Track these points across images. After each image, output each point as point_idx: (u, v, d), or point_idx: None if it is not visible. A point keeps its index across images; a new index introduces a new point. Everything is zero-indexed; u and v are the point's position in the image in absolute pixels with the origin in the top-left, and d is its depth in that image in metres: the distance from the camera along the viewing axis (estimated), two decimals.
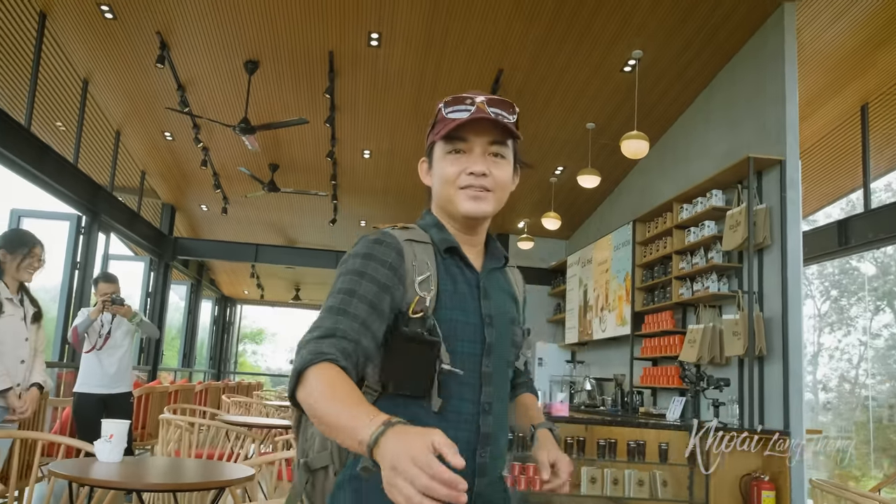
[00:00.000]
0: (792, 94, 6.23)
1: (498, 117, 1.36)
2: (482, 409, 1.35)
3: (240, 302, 22.71)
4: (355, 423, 1.03)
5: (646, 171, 9.27)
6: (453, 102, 1.38)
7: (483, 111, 1.35)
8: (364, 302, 1.26)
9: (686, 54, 7.17)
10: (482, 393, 1.36)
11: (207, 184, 11.52)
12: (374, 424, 1.00)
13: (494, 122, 1.35)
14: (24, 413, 3.55)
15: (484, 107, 1.35)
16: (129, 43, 7.62)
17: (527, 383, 1.65)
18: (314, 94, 8.39)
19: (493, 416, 1.37)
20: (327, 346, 1.18)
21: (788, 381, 5.82)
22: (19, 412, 3.50)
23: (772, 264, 6.19)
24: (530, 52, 7.27)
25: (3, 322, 3.54)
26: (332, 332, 1.20)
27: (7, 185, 23.26)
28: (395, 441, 0.95)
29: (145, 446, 7.04)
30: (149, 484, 2.31)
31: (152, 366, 12.32)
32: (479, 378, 1.36)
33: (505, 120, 1.37)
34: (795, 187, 6.10)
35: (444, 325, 1.30)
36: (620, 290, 9.02)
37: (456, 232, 1.42)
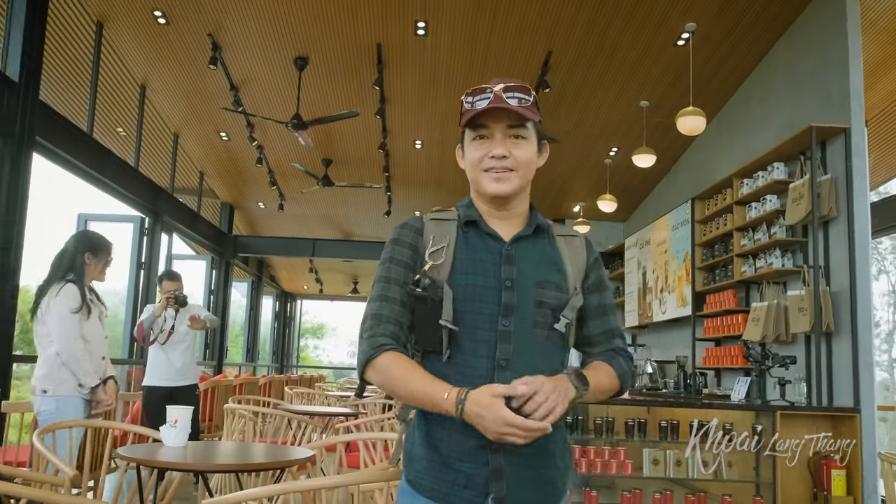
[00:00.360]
0: (856, 60, 5.99)
1: (519, 103, 1.49)
2: (497, 364, 1.46)
3: (300, 297, 23.09)
4: (433, 399, 1.39)
5: (703, 148, 9.05)
6: (474, 93, 1.52)
7: (499, 99, 1.48)
8: (398, 284, 1.52)
9: (742, 24, 6.96)
10: (497, 350, 1.47)
11: (263, 181, 11.73)
12: (451, 399, 1.36)
13: (509, 109, 1.48)
14: (109, 405, 3.70)
15: (501, 95, 1.48)
16: (183, 46, 7.81)
17: (604, 353, 1.61)
18: (363, 86, 8.45)
19: (511, 372, 1.45)
20: (381, 333, 1.48)
21: (858, 357, 5.62)
22: (105, 405, 3.66)
23: (838, 237, 5.98)
24: (579, 32, 7.17)
25: (91, 323, 3.69)
26: (379, 318, 1.49)
27: (73, 190, 23.80)
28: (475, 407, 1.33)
29: (212, 438, 7.23)
30: (212, 465, 2.37)
31: (217, 361, 12.65)
32: (496, 336, 1.47)
33: (523, 104, 1.49)
34: (861, 156, 5.87)
35: (458, 289, 1.48)
36: (680, 271, 8.85)
37: (489, 208, 1.58)
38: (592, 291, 1.62)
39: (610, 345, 1.63)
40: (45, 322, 3.61)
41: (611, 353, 1.61)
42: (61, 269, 3.73)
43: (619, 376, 1.57)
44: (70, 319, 3.58)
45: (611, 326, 1.63)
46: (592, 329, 1.62)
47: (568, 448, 1.60)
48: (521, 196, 1.59)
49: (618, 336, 1.64)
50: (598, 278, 1.64)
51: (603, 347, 1.62)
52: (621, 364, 1.59)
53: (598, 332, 1.62)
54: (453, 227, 1.55)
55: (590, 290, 1.62)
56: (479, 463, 1.43)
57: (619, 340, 1.63)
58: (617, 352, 1.62)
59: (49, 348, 3.59)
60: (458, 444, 1.45)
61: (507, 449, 1.42)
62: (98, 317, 3.78)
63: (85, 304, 3.65)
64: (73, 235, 3.91)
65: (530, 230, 1.58)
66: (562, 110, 8.81)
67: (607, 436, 5.35)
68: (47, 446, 2.55)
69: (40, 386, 3.58)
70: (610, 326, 1.63)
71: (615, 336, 1.63)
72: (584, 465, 5.22)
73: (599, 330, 1.62)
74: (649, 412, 5.61)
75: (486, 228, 1.56)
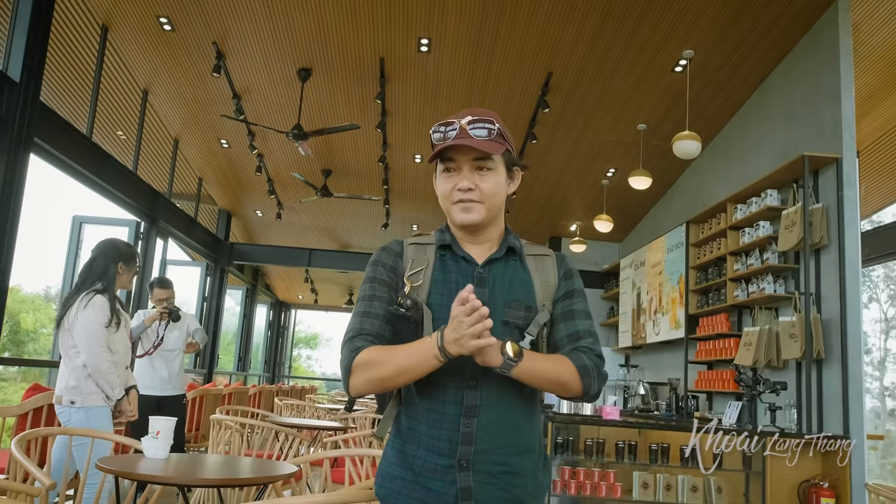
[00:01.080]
0: (848, 91, 6.05)
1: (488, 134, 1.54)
2: (467, 384, 1.50)
3: (294, 307, 23.05)
4: (420, 348, 1.43)
5: (699, 172, 9.10)
6: (441, 126, 1.57)
7: (464, 133, 1.53)
8: (381, 301, 1.57)
9: (738, 53, 7.03)
10: (465, 369, 1.50)
11: (262, 190, 11.75)
12: (432, 340, 1.42)
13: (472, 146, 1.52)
14: (132, 416, 3.70)
15: (465, 128, 1.53)
16: (187, 53, 7.84)
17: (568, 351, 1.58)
18: (365, 99, 8.49)
19: (479, 392, 1.50)
20: (359, 341, 1.52)
21: (848, 385, 5.63)
22: (128, 415, 3.66)
23: (829, 265, 6.01)
24: (580, 54, 7.22)
25: (119, 334, 3.69)
26: (360, 331, 1.54)
27: (70, 192, 23.79)
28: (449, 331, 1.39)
29: (199, 448, 7.20)
30: (193, 479, 2.37)
31: (208, 369, 12.61)
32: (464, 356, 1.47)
33: (489, 135, 1.54)
34: (853, 185, 5.91)
35: (434, 309, 1.53)
36: (674, 293, 8.87)
37: (462, 234, 1.64)
38: (559, 301, 1.64)
39: (575, 344, 1.59)
40: (72, 333, 3.59)
41: (574, 350, 1.57)
42: (91, 279, 3.72)
43: (579, 369, 1.52)
44: (98, 332, 3.58)
45: (577, 329, 1.60)
46: (557, 332, 1.61)
47: (546, 468, 1.61)
48: (494, 222, 1.64)
49: (584, 337, 1.59)
50: (568, 288, 1.65)
51: (567, 349, 1.59)
52: (582, 358, 1.54)
53: (563, 335, 1.60)
54: (431, 251, 1.62)
55: (558, 300, 1.64)
56: (447, 482, 1.46)
57: (587, 340, 1.59)
58: (581, 349, 1.57)
59: (76, 360, 3.58)
60: (429, 462, 1.48)
61: (476, 468, 1.45)
62: (123, 326, 3.79)
63: (114, 315, 3.66)
64: (98, 244, 3.90)
65: (501, 252, 1.63)
66: (561, 130, 8.86)
67: (597, 457, 5.35)
68: (24, 455, 2.54)
69: (68, 397, 3.57)
70: (576, 329, 1.60)
71: (582, 336, 1.59)
72: (573, 486, 5.21)
73: (564, 332, 1.60)
74: (640, 434, 5.61)
75: (460, 252, 1.62)
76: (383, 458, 1.59)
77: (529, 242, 1.71)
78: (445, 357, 1.41)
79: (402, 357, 1.45)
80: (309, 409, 8.50)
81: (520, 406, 1.48)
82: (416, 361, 1.44)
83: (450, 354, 1.40)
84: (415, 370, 1.45)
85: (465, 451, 1.46)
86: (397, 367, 1.45)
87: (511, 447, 1.49)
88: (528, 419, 1.54)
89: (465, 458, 1.46)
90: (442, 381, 1.49)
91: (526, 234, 9.52)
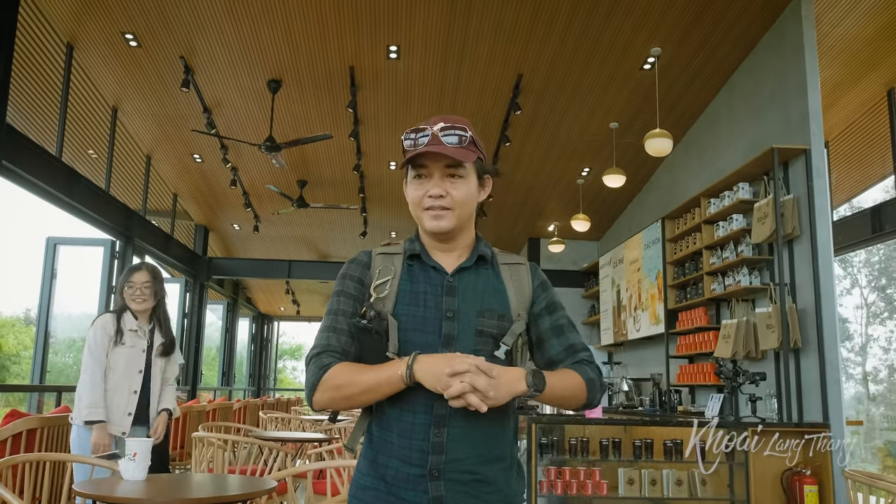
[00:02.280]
0: (814, 83, 6.13)
1: (459, 141, 1.53)
2: (437, 395, 1.45)
3: (276, 319, 22.93)
4: (388, 370, 1.44)
5: (672, 168, 9.18)
6: (413, 132, 1.56)
7: (436, 140, 1.53)
8: (346, 315, 1.57)
9: (705, 49, 7.10)
10: None
11: (238, 203, 11.69)
12: (402, 363, 1.43)
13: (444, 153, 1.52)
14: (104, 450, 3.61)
15: (437, 135, 1.53)
16: (155, 69, 7.79)
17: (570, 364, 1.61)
18: (337, 109, 8.48)
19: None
20: (326, 357, 1.52)
21: (825, 373, 5.70)
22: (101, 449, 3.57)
23: (802, 255, 6.08)
24: (549, 55, 7.26)
25: (120, 352, 3.66)
26: (326, 347, 1.54)
27: (42, 213, 23.57)
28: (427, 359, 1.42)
29: (185, 466, 7.14)
30: (171, 499, 2.35)
31: (192, 386, 12.50)
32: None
33: (461, 142, 1.53)
34: (822, 176, 5.99)
35: (401, 319, 1.53)
36: (653, 289, 8.93)
37: (432, 243, 1.63)
38: (543, 315, 1.64)
39: (574, 358, 1.62)
40: None
41: (577, 364, 1.61)
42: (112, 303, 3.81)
43: (587, 382, 1.57)
44: (91, 348, 3.62)
45: (571, 342, 1.64)
46: (552, 349, 1.63)
47: (520, 475, 1.61)
48: (464, 230, 1.63)
49: (581, 350, 1.63)
50: (547, 300, 1.66)
51: (568, 362, 1.62)
52: (588, 371, 1.59)
53: (559, 350, 1.63)
54: (399, 261, 1.61)
55: (540, 314, 1.64)
56: (420, 491, 1.46)
57: (584, 353, 1.63)
58: (583, 362, 1.61)
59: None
60: (401, 472, 1.48)
61: (447, 477, 1.46)
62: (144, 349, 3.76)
63: (119, 334, 3.66)
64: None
65: (472, 261, 1.62)
66: (534, 131, 8.90)
67: (583, 456, 5.36)
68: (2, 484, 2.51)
69: (72, 414, 3.67)
70: (570, 342, 1.63)
71: (578, 350, 1.63)
72: (559, 486, 5.23)
73: (560, 348, 1.63)
74: (625, 431, 5.64)
75: (429, 261, 1.61)
76: (356, 469, 1.59)
77: (503, 251, 1.71)
78: (411, 382, 1.43)
79: (369, 379, 1.46)
80: (294, 422, 8.46)
81: (490, 415, 1.46)
82: (382, 383, 1.45)
83: (415, 380, 1.42)
84: (380, 390, 1.46)
85: (435, 460, 1.47)
86: (363, 388, 1.46)
87: (480, 456, 1.49)
88: (498, 428, 1.54)
89: (436, 467, 1.46)
90: (412, 392, 1.48)
91: (504, 237, 9.51)
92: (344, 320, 1.57)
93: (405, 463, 1.48)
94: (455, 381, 1.37)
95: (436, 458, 1.47)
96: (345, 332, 1.56)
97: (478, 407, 1.38)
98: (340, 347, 1.54)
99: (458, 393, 1.37)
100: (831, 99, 7.68)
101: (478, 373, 1.38)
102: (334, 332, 1.56)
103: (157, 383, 3.81)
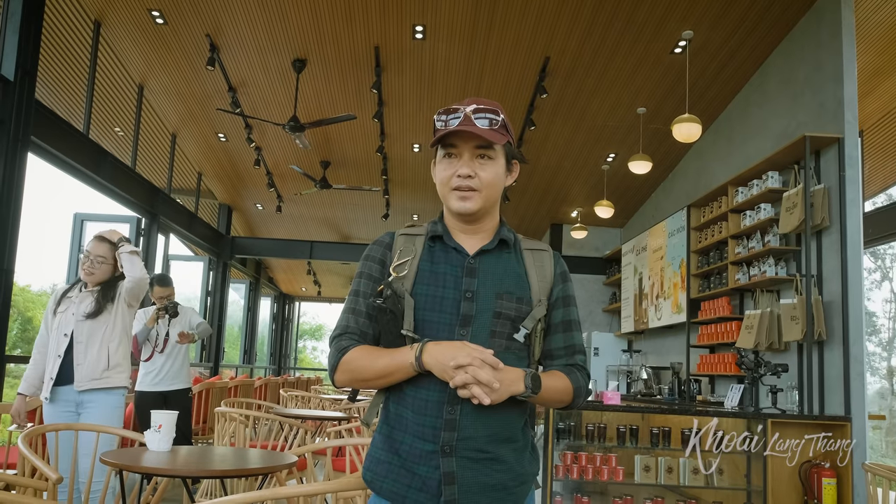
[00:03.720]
0: (850, 70, 6.00)
1: (490, 124, 1.54)
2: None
3: (298, 299, 23.09)
4: (400, 357, 1.48)
5: (700, 155, 9.07)
6: (445, 113, 1.57)
7: (468, 120, 1.53)
8: (365, 297, 1.61)
9: (738, 33, 6.98)
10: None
11: (261, 183, 11.75)
12: (414, 348, 1.46)
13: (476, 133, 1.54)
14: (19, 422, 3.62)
15: (470, 116, 1.53)
16: (181, 47, 7.82)
17: (563, 366, 1.64)
18: (361, 90, 8.46)
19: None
20: (346, 340, 1.58)
21: (849, 366, 5.63)
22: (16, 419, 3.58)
23: (831, 246, 5.99)
24: (577, 37, 7.18)
25: (57, 319, 3.64)
26: (345, 329, 1.60)
27: (70, 190, 23.82)
28: (434, 348, 1.45)
29: (207, 440, 7.23)
30: (194, 470, 2.38)
31: (214, 363, 12.64)
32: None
33: (493, 126, 1.55)
34: (854, 166, 5.88)
35: (418, 298, 1.55)
36: (676, 278, 8.86)
37: (457, 223, 1.64)
38: (557, 306, 1.66)
39: (571, 360, 1.65)
40: None
41: (570, 367, 1.64)
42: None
43: (574, 390, 1.61)
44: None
45: (573, 342, 1.66)
46: (555, 343, 1.65)
47: (534, 457, 1.62)
48: (489, 213, 1.64)
49: (579, 352, 1.66)
50: (565, 292, 1.67)
51: (563, 361, 1.65)
52: (578, 379, 1.62)
53: (559, 346, 1.65)
54: (421, 242, 1.63)
55: (555, 304, 1.65)
56: (432, 467, 1.48)
57: (580, 356, 1.66)
58: (576, 367, 1.65)
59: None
60: (415, 448, 1.51)
61: (459, 454, 1.48)
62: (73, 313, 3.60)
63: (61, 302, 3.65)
64: None
65: (494, 244, 1.63)
66: (559, 116, 8.82)
67: (599, 442, 5.36)
68: (31, 450, 2.56)
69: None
70: (573, 342, 1.66)
71: (577, 352, 1.66)
72: (575, 470, 5.22)
73: (562, 344, 1.65)
74: (643, 418, 5.62)
75: (451, 243, 1.62)
76: (372, 444, 1.61)
77: (527, 238, 1.72)
78: (421, 369, 1.47)
79: (383, 364, 1.51)
80: (314, 400, 8.53)
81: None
82: (394, 370, 1.50)
83: (425, 368, 1.46)
84: (393, 376, 1.51)
85: (447, 437, 1.48)
86: (377, 373, 1.52)
87: (492, 436, 1.51)
88: (512, 409, 1.54)
89: (449, 444, 1.48)
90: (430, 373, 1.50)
91: (526, 222, 9.47)
92: (363, 302, 1.61)
93: (419, 439, 1.50)
94: (459, 373, 1.40)
95: (448, 434, 1.48)
96: (363, 313, 1.60)
97: (480, 399, 1.40)
98: (359, 329, 1.59)
99: (462, 384, 1.40)
100: (868, 87, 7.52)
101: (482, 365, 1.41)
102: (353, 314, 1.61)
103: (82, 347, 3.54)
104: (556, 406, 1.62)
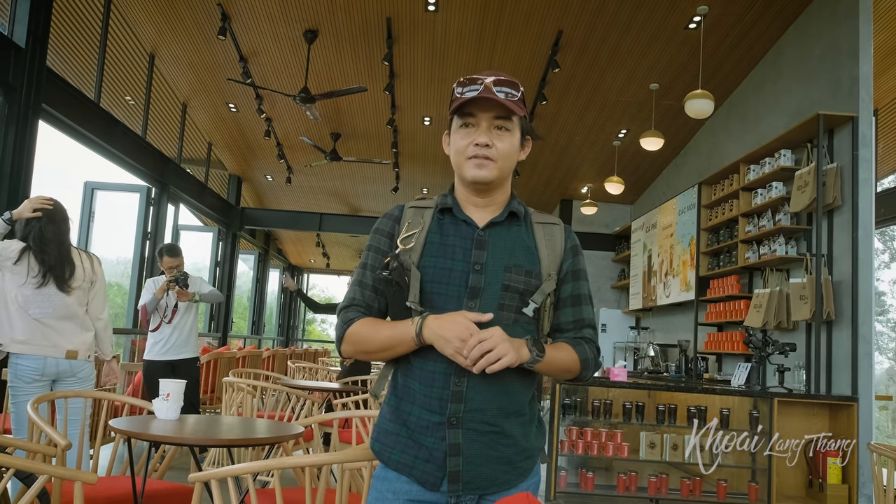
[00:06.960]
0: (866, 48, 5.92)
1: (506, 97, 1.55)
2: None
3: (306, 270, 23.16)
4: (401, 330, 1.49)
5: (712, 132, 8.99)
6: (465, 83, 1.57)
7: (488, 90, 1.53)
8: (372, 270, 1.62)
9: (754, 9, 6.87)
10: None
11: (271, 154, 11.73)
12: (415, 322, 1.47)
13: (497, 101, 1.54)
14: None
15: (490, 86, 1.54)
16: (192, 15, 7.77)
17: (571, 339, 1.64)
18: (373, 61, 8.40)
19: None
20: (352, 312, 1.61)
21: (857, 346, 5.62)
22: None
23: (842, 226, 5.95)
24: (590, 11, 7.09)
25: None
26: (352, 301, 1.62)
27: (80, 158, 23.83)
28: (434, 322, 1.45)
29: (214, 410, 7.31)
30: (201, 439, 2.41)
31: (222, 333, 12.73)
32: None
33: (510, 98, 1.55)
34: (868, 145, 5.82)
35: (427, 271, 1.55)
36: (685, 255, 8.83)
37: (468, 195, 1.63)
38: (567, 280, 1.65)
39: (579, 333, 1.65)
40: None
41: (578, 339, 1.64)
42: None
43: (581, 361, 1.60)
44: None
45: (582, 315, 1.66)
46: (564, 317, 1.65)
47: (541, 431, 1.63)
48: (502, 186, 1.64)
49: (588, 326, 1.66)
50: (575, 266, 1.66)
51: (572, 335, 1.65)
52: (585, 350, 1.62)
53: (568, 320, 1.65)
54: (430, 214, 1.63)
55: (565, 278, 1.65)
56: (438, 438, 1.50)
57: (589, 331, 1.66)
58: (584, 339, 1.64)
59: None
60: (422, 419, 1.52)
61: (465, 426, 1.49)
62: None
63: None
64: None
65: (503, 216, 1.63)
66: (571, 90, 8.75)
67: (605, 418, 5.39)
68: (41, 416, 2.59)
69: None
70: (582, 315, 1.66)
71: (585, 326, 1.66)
72: (580, 446, 5.26)
73: (570, 318, 1.65)
74: (649, 395, 5.64)
75: (461, 215, 1.62)
76: (380, 415, 1.63)
77: (538, 211, 1.71)
78: (421, 343, 1.48)
79: (385, 337, 1.53)
80: (321, 372, 8.59)
81: (511, 369, 1.47)
82: (396, 343, 1.52)
83: (426, 342, 1.47)
84: (396, 349, 1.53)
85: (454, 408, 1.49)
86: (379, 345, 1.54)
87: (499, 409, 1.52)
88: (519, 382, 1.55)
89: (455, 415, 1.50)
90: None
91: (536, 197, 9.43)
92: (370, 275, 1.62)
93: (426, 410, 1.51)
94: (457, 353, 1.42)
95: (455, 406, 1.49)
96: (369, 286, 1.62)
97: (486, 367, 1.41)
98: (365, 302, 1.61)
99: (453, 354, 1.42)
100: (884, 65, 7.41)
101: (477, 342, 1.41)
102: (360, 287, 1.63)
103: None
104: (563, 377, 1.62)
